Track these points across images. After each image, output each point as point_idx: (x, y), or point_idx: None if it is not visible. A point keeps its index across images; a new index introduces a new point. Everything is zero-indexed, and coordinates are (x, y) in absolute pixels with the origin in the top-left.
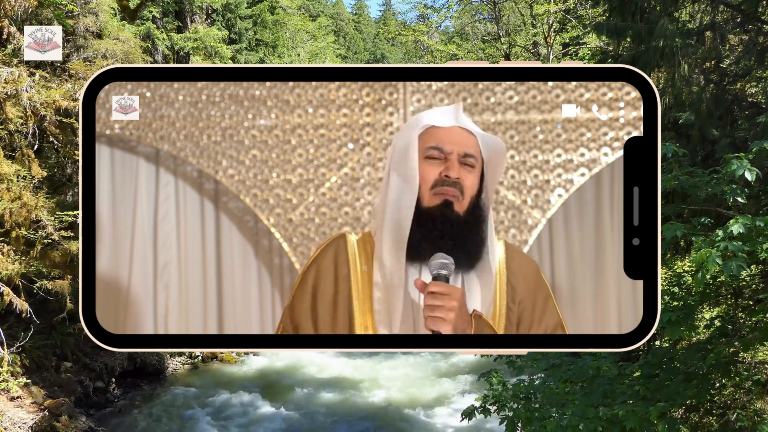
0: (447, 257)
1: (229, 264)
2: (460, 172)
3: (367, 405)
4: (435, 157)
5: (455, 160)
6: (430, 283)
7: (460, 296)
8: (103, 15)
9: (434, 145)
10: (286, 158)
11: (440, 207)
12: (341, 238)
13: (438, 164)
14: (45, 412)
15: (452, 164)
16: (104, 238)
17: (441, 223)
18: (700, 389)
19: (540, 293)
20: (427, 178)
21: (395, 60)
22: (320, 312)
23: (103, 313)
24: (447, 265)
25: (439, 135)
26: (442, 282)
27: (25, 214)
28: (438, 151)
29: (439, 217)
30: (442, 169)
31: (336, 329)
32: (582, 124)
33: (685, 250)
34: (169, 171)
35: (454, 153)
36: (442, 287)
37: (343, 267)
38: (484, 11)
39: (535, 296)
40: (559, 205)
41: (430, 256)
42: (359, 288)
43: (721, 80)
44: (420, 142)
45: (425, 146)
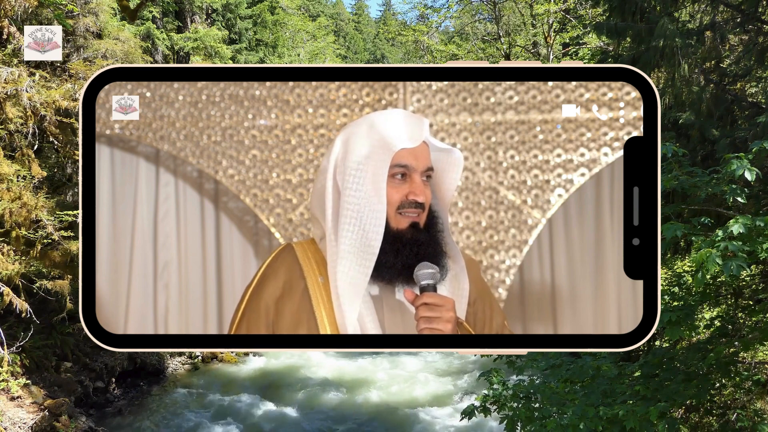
0: (433, 266)
1: (229, 264)
2: (424, 192)
3: (367, 405)
4: (399, 176)
5: (419, 181)
6: (423, 294)
7: (453, 306)
8: (103, 15)
9: (399, 163)
10: (286, 158)
11: (409, 230)
12: (288, 248)
13: (402, 184)
14: (45, 412)
15: (417, 185)
16: (104, 238)
17: (411, 244)
18: (700, 389)
19: (486, 293)
20: (392, 199)
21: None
22: (282, 329)
23: (103, 313)
24: (434, 274)
25: (402, 153)
26: (432, 292)
27: (25, 214)
28: (403, 170)
29: (409, 239)
30: (408, 191)
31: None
32: (582, 124)
33: (685, 250)
34: (169, 171)
35: (418, 171)
36: (436, 298)
37: (299, 280)
38: (484, 11)
39: (484, 296)
40: (559, 205)
41: (402, 271)
42: (319, 299)
43: (721, 80)
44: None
45: (391, 164)
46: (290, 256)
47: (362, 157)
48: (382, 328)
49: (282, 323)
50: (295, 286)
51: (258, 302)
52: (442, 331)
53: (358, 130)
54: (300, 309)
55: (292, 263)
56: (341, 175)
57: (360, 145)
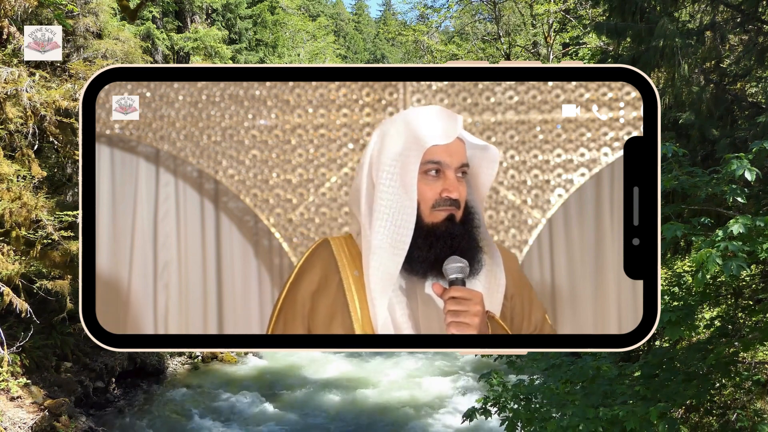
0: (462, 260)
1: (229, 264)
2: (458, 189)
3: (367, 405)
4: (432, 172)
5: (453, 177)
6: (451, 288)
7: (481, 300)
8: (103, 15)
9: (432, 160)
10: (286, 158)
11: (443, 225)
12: (325, 243)
13: (436, 181)
14: (45, 412)
15: (451, 182)
16: (104, 238)
17: (446, 239)
18: (700, 389)
19: (526, 287)
20: (426, 196)
21: (395, 60)
22: (316, 322)
23: (103, 313)
24: (463, 268)
25: (436, 149)
26: (461, 286)
27: (25, 214)
28: (436, 166)
29: (444, 233)
30: (442, 188)
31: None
32: (582, 124)
33: (685, 250)
34: (169, 171)
35: (452, 168)
36: (464, 292)
37: (334, 274)
38: (484, 11)
39: (522, 290)
40: (559, 205)
41: (435, 265)
42: (353, 292)
43: (721, 80)
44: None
45: (423, 160)
46: (326, 250)
47: (396, 153)
48: (412, 321)
49: (317, 316)
50: (330, 279)
51: (295, 296)
52: (468, 325)
53: (394, 126)
54: (335, 302)
55: (328, 257)
56: (376, 171)
57: (394, 141)
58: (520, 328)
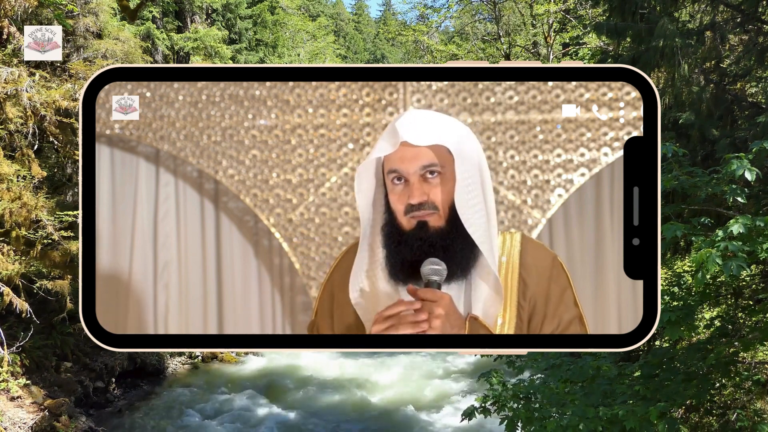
0: (439, 263)
1: (229, 264)
2: (423, 191)
3: (367, 405)
4: (396, 181)
5: (416, 181)
6: (420, 290)
7: (447, 303)
8: (103, 15)
9: (391, 169)
10: (286, 158)
11: (416, 231)
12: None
13: (403, 189)
14: (45, 412)
15: (413, 188)
16: (104, 238)
17: (417, 243)
18: (700, 389)
19: (555, 286)
20: (397, 207)
21: (395, 60)
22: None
23: (103, 313)
24: (439, 270)
25: (392, 158)
26: (433, 289)
27: (25, 214)
28: (395, 174)
29: (414, 238)
30: (408, 195)
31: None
32: (582, 124)
33: (685, 250)
34: (169, 171)
35: (411, 172)
36: (428, 294)
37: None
38: (484, 11)
39: (549, 290)
40: (559, 205)
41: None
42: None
43: (721, 80)
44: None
45: (386, 171)
46: (354, 249)
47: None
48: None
49: (338, 313)
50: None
51: (324, 293)
52: (429, 328)
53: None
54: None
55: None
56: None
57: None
58: (540, 329)
